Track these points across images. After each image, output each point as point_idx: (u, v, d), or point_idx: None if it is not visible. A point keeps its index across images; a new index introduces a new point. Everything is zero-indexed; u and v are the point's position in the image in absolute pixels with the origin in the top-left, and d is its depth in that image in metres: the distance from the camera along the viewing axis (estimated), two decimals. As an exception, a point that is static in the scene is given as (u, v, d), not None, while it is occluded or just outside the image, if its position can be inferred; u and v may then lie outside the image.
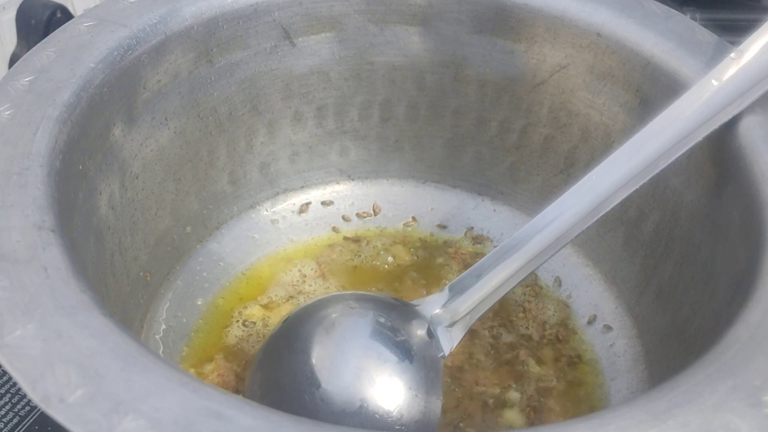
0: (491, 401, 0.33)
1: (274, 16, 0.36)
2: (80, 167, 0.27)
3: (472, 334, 0.35)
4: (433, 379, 0.28)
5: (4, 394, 0.34)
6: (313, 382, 0.27)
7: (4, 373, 0.35)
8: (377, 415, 0.27)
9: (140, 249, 0.34)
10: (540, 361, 0.35)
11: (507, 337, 0.36)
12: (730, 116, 0.28)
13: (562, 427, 0.19)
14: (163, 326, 0.35)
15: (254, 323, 0.35)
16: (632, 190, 0.28)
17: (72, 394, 0.18)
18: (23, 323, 0.20)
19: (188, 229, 0.37)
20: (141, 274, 0.34)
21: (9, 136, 0.25)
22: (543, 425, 0.19)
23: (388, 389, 0.27)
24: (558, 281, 0.38)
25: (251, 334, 0.35)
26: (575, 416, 0.20)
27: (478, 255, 0.39)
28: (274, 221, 0.41)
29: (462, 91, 0.39)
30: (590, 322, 0.37)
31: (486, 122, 0.40)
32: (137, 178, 0.33)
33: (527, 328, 0.36)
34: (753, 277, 0.24)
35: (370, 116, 0.41)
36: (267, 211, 0.41)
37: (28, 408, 0.34)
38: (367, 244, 0.40)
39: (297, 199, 0.42)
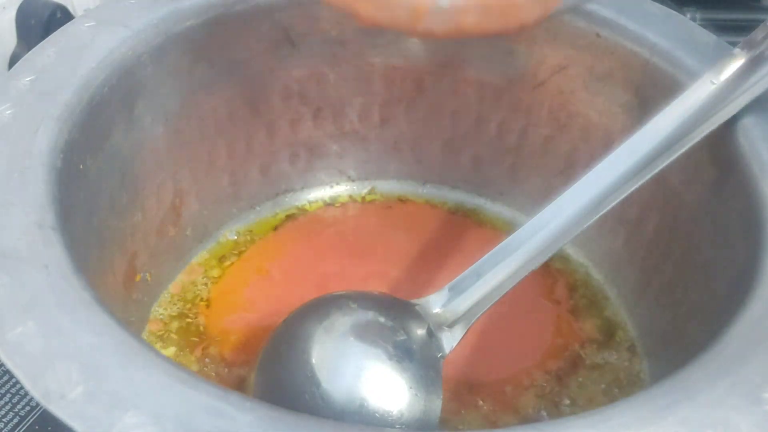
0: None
1: (274, 16, 0.36)
2: (81, 167, 0.27)
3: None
4: (434, 379, 0.28)
5: (4, 394, 0.34)
6: (313, 381, 0.27)
7: (4, 373, 0.35)
8: (377, 414, 0.26)
9: (140, 249, 0.34)
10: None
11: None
12: (729, 116, 0.28)
13: (563, 423, 0.19)
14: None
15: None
16: (632, 189, 0.28)
17: (73, 390, 0.18)
18: (24, 320, 0.20)
19: (188, 230, 0.37)
20: (141, 274, 0.34)
21: (10, 135, 0.25)
22: (544, 422, 0.19)
23: (389, 388, 0.27)
24: (558, 282, 0.38)
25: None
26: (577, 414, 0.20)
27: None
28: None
29: (461, 92, 0.40)
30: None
31: (485, 123, 0.40)
32: (137, 178, 0.33)
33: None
34: (753, 275, 0.24)
35: (369, 117, 0.41)
36: (267, 211, 0.41)
37: (28, 408, 0.34)
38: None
39: (297, 199, 0.42)
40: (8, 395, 0.34)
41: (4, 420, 0.33)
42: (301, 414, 0.19)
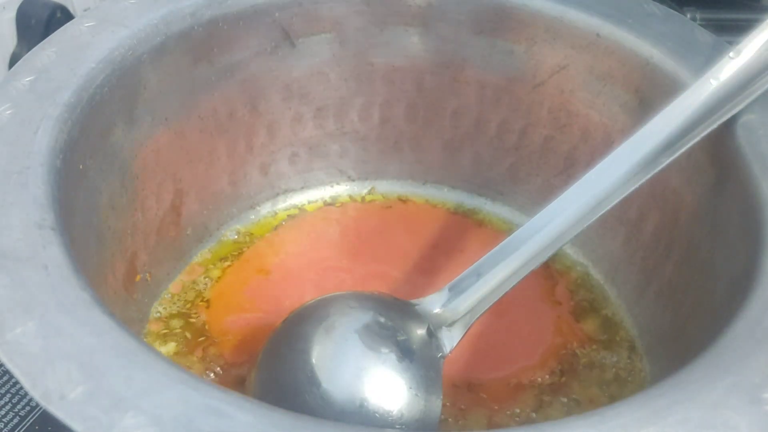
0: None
1: (274, 16, 0.36)
2: (81, 167, 0.27)
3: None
4: (433, 379, 0.28)
5: (4, 395, 0.34)
6: (313, 381, 0.27)
7: (4, 373, 0.35)
8: (377, 414, 0.26)
9: (140, 249, 0.34)
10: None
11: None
12: (728, 115, 0.28)
13: (563, 423, 0.19)
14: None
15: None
16: (632, 189, 0.28)
17: (72, 391, 0.18)
18: (24, 321, 0.20)
19: (188, 230, 0.37)
20: (141, 274, 0.34)
21: (10, 136, 0.25)
22: (544, 422, 0.19)
23: (389, 388, 0.27)
24: (558, 282, 0.38)
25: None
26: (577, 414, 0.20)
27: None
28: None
29: (461, 92, 0.40)
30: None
31: (485, 123, 0.40)
32: (137, 178, 0.33)
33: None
34: (752, 275, 0.24)
35: (369, 117, 0.41)
36: (267, 211, 0.41)
37: (28, 408, 0.34)
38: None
39: (297, 199, 0.42)
40: (8, 395, 0.34)
41: (4, 420, 0.33)
42: (301, 414, 0.19)
